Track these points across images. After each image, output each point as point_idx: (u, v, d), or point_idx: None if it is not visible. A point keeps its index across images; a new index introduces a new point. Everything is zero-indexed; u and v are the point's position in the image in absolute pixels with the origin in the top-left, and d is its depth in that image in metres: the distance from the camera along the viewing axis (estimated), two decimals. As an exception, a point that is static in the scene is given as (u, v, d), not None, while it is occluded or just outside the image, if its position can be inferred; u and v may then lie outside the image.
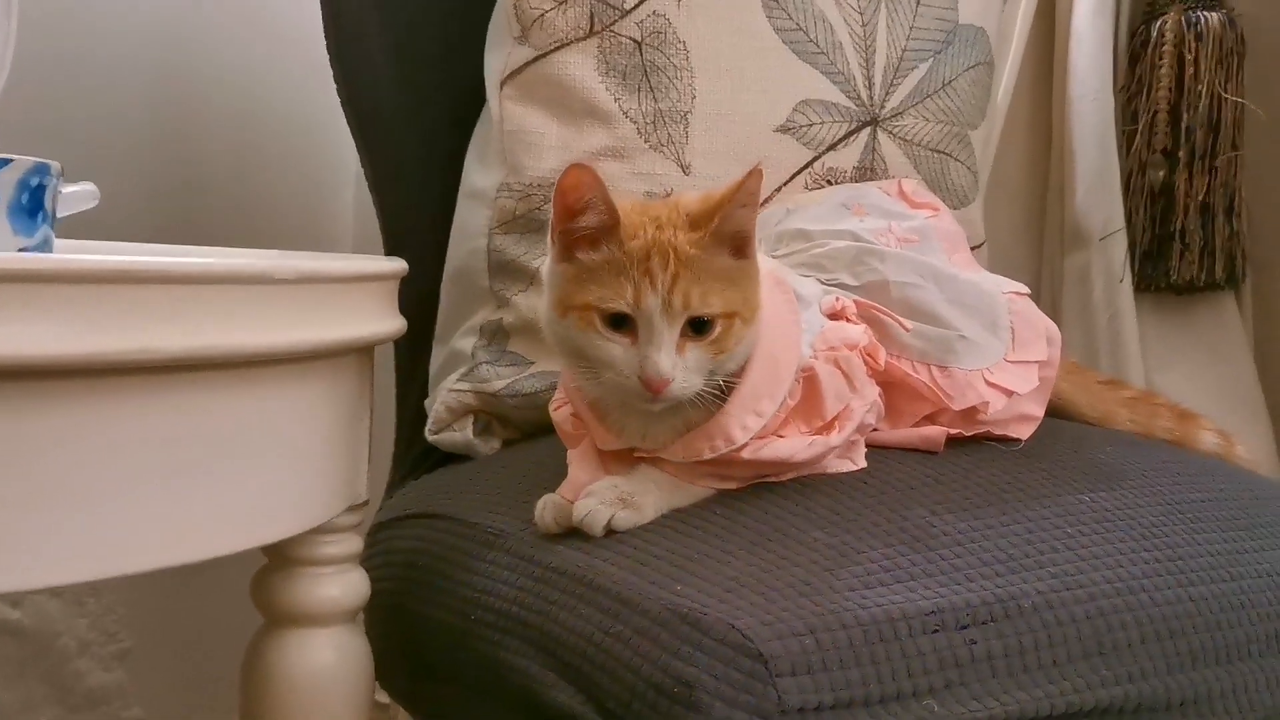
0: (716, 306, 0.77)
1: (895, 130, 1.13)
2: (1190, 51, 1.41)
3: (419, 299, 1.13)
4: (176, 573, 0.73)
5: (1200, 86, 1.41)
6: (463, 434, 1.07)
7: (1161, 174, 1.43)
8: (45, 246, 0.80)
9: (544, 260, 0.83)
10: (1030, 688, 0.75)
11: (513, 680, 0.79)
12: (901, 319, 0.90)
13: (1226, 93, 1.41)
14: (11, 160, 0.76)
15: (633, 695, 0.71)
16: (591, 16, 1.04)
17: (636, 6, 1.04)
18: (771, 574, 0.75)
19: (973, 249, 1.21)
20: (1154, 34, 1.44)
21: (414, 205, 1.14)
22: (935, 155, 1.16)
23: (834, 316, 0.89)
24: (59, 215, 0.86)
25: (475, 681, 0.83)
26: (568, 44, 1.04)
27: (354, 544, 0.88)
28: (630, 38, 1.04)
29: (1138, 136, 1.44)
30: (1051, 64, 1.50)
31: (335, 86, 1.14)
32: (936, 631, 0.74)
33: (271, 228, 1.51)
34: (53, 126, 1.31)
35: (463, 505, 0.94)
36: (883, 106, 1.13)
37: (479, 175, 1.08)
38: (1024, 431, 0.96)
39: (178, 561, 0.71)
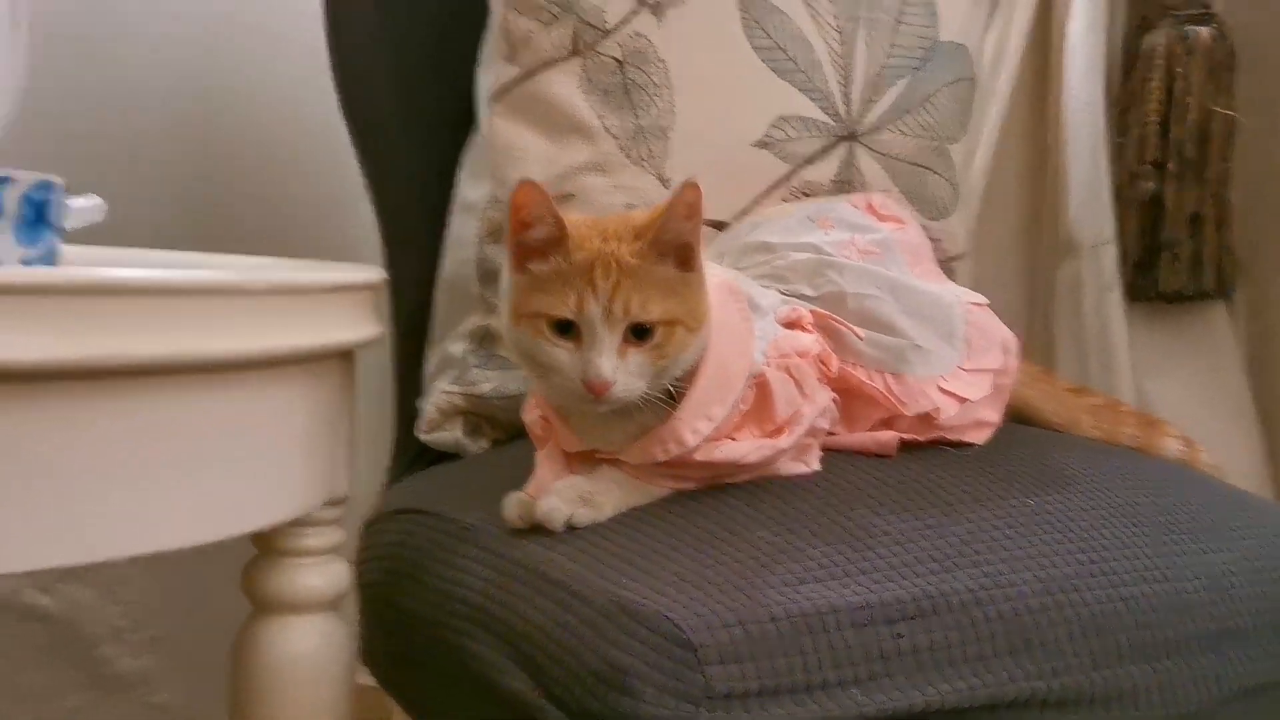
0: (656, 313, 0.83)
1: (873, 145, 1.18)
2: (1180, 65, 1.45)
3: (416, 305, 1.19)
4: (205, 564, 0.78)
5: (1190, 99, 1.44)
6: (452, 434, 1.12)
7: (1152, 185, 1.47)
8: (49, 257, 0.86)
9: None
10: (953, 680, 0.79)
11: (475, 667, 0.84)
12: (855, 328, 0.95)
13: (1217, 106, 1.44)
14: (14, 179, 0.82)
15: (576, 681, 0.76)
16: (575, 37, 1.09)
17: (618, 27, 1.10)
18: (712, 570, 0.80)
19: (952, 259, 1.25)
20: (1145, 48, 1.47)
21: (411, 215, 1.19)
22: (913, 169, 1.20)
23: (790, 325, 0.94)
24: (68, 228, 0.92)
25: (445, 669, 0.89)
26: (553, 63, 1.09)
27: (335, 537, 0.94)
28: (612, 57, 1.10)
29: (1128, 149, 1.47)
30: (1046, 77, 1.53)
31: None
32: (865, 625, 0.78)
33: (303, 234, 1.57)
34: (86, 137, 1.38)
35: (444, 501, 1.00)
36: (860, 121, 1.17)
37: (470, 188, 1.13)
38: (980, 437, 1.01)
39: (168, 546, 0.78)
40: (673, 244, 0.84)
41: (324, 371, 0.88)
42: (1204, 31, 1.45)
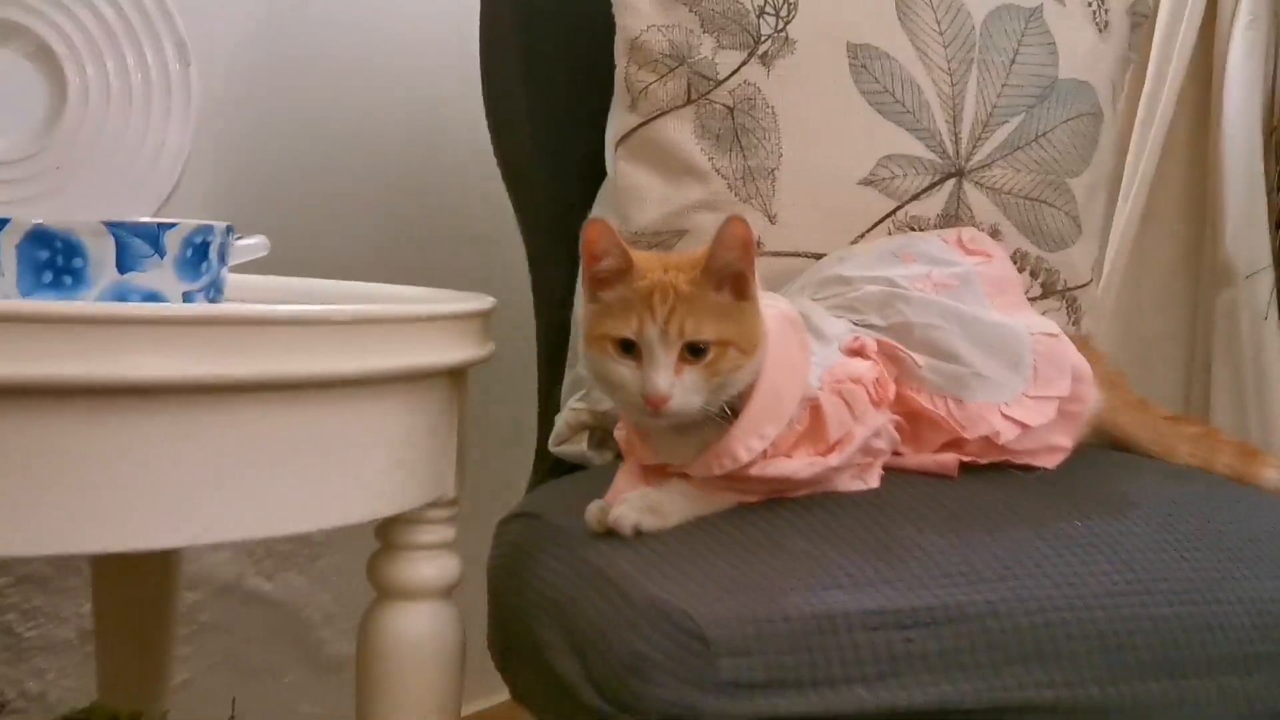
0: (709, 334, 0.92)
1: (982, 180, 1.24)
2: (1338, 93, 1.44)
3: (557, 327, 1.31)
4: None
5: (1347, 128, 1.43)
6: (578, 447, 1.24)
7: (1309, 213, 1.46)
8: (212, 289, 1.03)
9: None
10: (959, 683, 0.85)
11: (544, 653, 0.95)
12: (916, 355, 1.02)
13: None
14: (177, 224, 0.99)
15: (609, 667, 0.86)
16: (689, 87, 1.19)
17: (729, 77, 1.19)
18: (742, 574, 0.89)
19: (1073, 289, 1.30)
20: (1305, 76, 1.47)
21: (551, 247, 1.32)
22: (1027, 203, 1.25)
23: (855, 353, 1.02)
24: (232, 263, 1.09)
25: (527, 654, 1.00)
26: (668, 111, 1.20)
27: (446, 534, 1.07)
28: (723, 104, 1.19)
29: (1283, 177, 1.48)
30: (1208, 105, 1.54)
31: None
32: (876, 629, 0.86)
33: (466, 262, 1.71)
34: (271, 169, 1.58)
35: (553, 507, 1.12)
36: (969, 159, 1.23)
37: (598, 224, 1.25)
38: (1051, 461, 1.06)
39: (305, 529, 0.95)
40: (725, 274, 0.93)
41: (431, 388, 1.01)
42: (1365, 58, 1.44)
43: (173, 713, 1.28)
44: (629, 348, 0.94)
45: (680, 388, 0.93)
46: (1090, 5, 1.33)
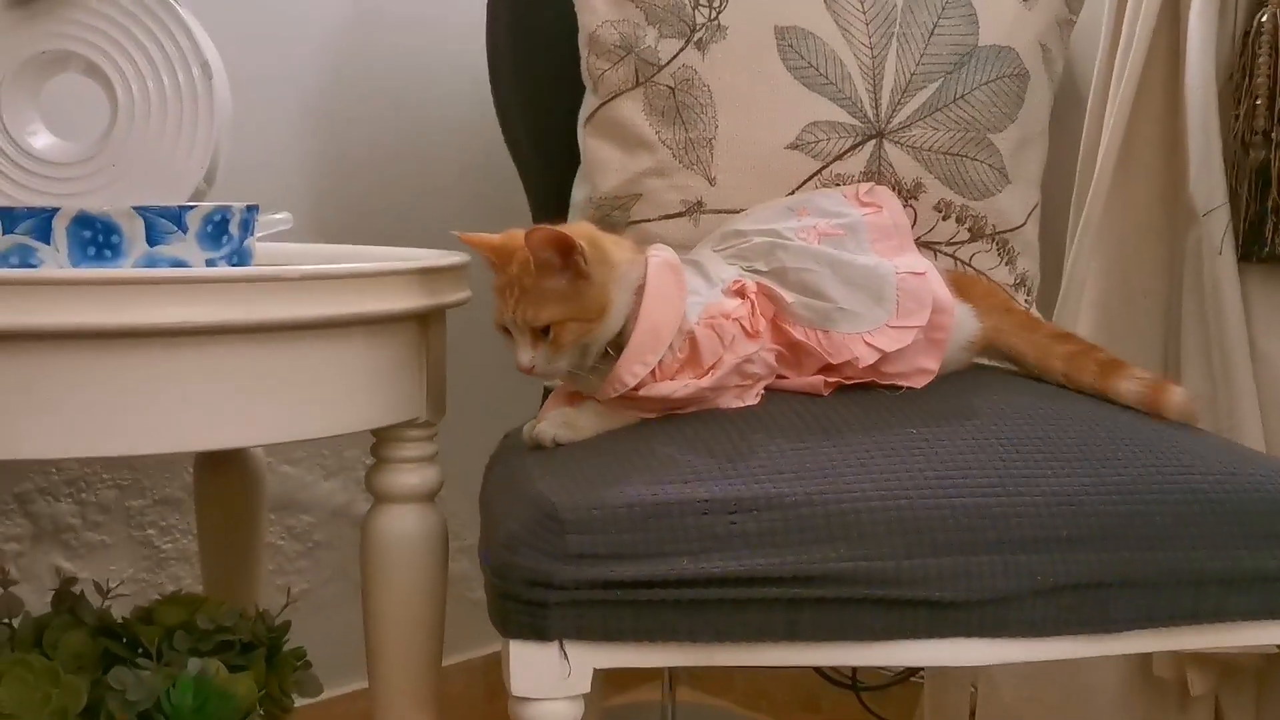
0: (545, 318, 1.15)
1: (902, 140, 1.41)
2: (1285, 39, 1.54)
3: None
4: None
5: (1293, 71, 1.53)
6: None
7: (1262, 154, 1.57)
8: (234, 258, 1.29)
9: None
10: (770, 557, 1.05)
11: (484, 524, 1.20)
12: (788, 294, 1.22)
13: (1322, 75, 1.53)
14: (196, 205, 1.26)
15: (494, 543, 1.10)
16: (636, 72, 1.40)
17: (669, 62, 1.40)
18: (609, 472, 1.11)
19: (1005, 232, 1.46)
20: (1256, 24, 1.57)
21: (547, 212, 1.55)
22: (948, 158, 1.42)
23: (736, 294, 1.22)
24: (259, 235, 1.36)
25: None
26: (621, 93, 1.41)
27: (425, 449, 1.32)
28: (666, 85, 1.40)
29: (1241, 120, 1.58)
30: (1178, 55, 1.65)
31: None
32: (704, 514, 1.06)
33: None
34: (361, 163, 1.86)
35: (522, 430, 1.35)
36: (888, 122, 1.41)
37: (577, 191, 1.48)
38: (919, 382, 1.24)
39: (293, 438, 1.21)
40: (555, 265, 1.15)
41: (398, 330, 1.26)
42: (1309, 5, 1.53)
43: (294, 617, 1.55)
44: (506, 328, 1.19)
45: (540, 358, 1.17)
46: (1016, -24, 1.48)
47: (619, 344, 1.17)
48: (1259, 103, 1.57)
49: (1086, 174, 1.71)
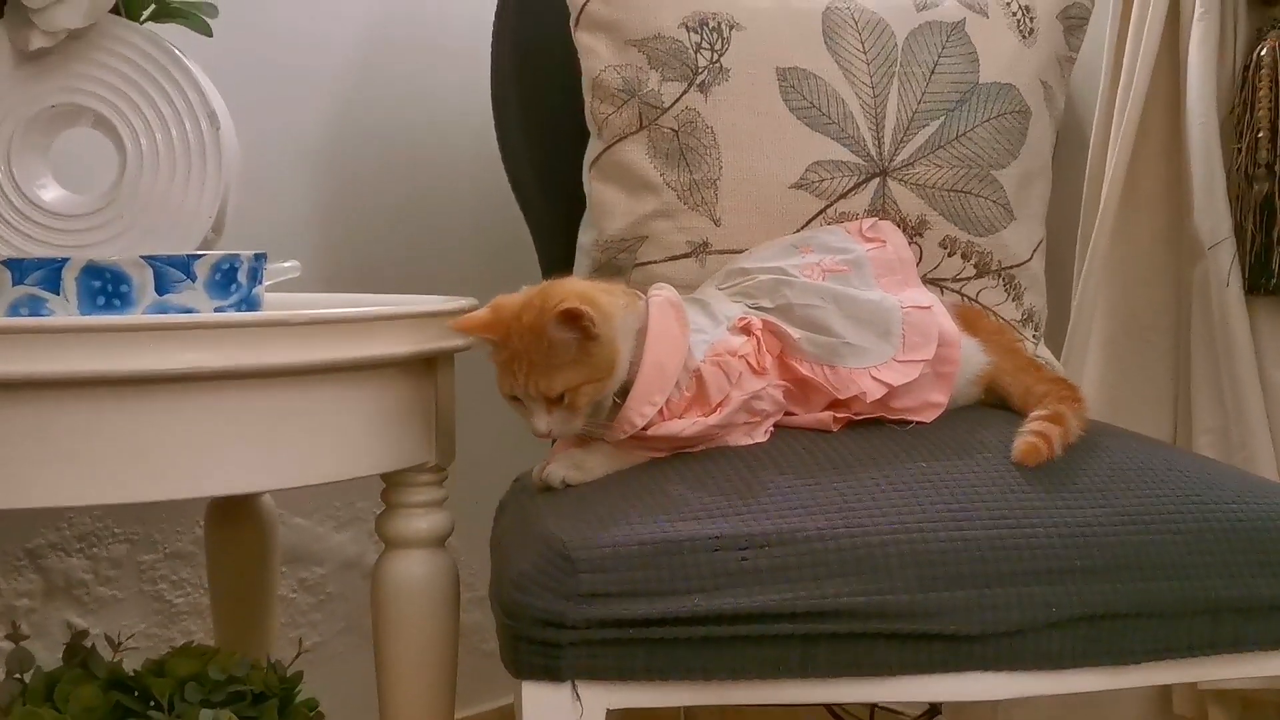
0: (559, 387, 1.15)
1: (905, 178, 1.42)
2: (1284, 72, 1.55)
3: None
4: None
5: (1293, 104, 1.54)
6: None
7: (1266, 187, 1.57)
8: (242, 306, 1.30)
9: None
10: (783, 592, 1.05)
11: (495, 566, 1.19)
12: (794, 330, 1.22)
13: (1321, 107, 1.53)
14: (205, 254, 1.26)
15: (505, 584, 1.09)
16: (640, 115, 1.41)
17: (673, 104, 1.41)
18: (619, 511, 1.11)
19: (1011, 268, 1.46)
20: (1255, 58, 1.58)
21: (555, 257, 1.56)
22: (952, 194, 1.43)
23: (742, 330, 1.22)
24: (267, 284, 1.36)
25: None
26: (625, 136, 1.42)
27: (434, 494, 1.32)
28: (669, 128, 1.41)
29: (1242, 153, 1.59)
30: (1178, 91, 1.66)
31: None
32: (716, 551, 1.06)
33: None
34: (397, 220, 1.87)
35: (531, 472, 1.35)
36: (892, 160, 1.42)
37: (583, 235, 1.49)
38: (929, 416, 1.24)
39: (299, 484, 1.21)
40: (561, 340, 1.15)
41: (403, 374, 1.26)
42: (1307, 38, 1.54)
43: (307, 669, 1.55)
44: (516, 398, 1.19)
45: (556, 421, 1.17)
46: (1015, 15, 1.49)
47: (625, 388, 1.17)
48: (1261, 135, 1.58)
49: (1091, 210, 1.72)
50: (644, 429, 1.17)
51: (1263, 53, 1.58)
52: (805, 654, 1.06)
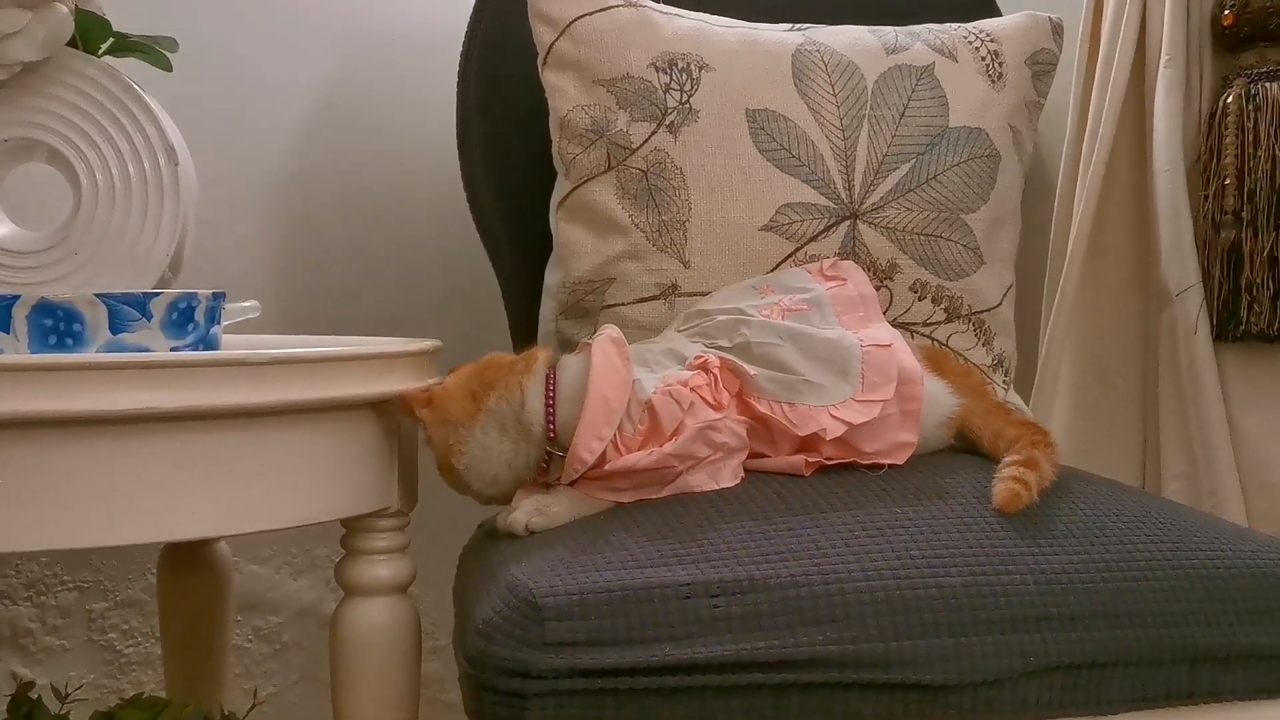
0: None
1: (876, 221, 1.40)
2: (1249, 120, 1.55)
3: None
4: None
5: (1260, 151, 1.54)
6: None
7: (1233, 234, 1.57)
8: (199, 346, 1.26)
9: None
10: (756, 640, 1.02)
11: (459, 614, 1.16)
12: (750, 368, 1.20)
13: (1285, 154, 1.54)
14: (161, 293, 1.23)
15: (468, 632, 1.06)
16: (608, 155, 1.40)
17: (641, 145, 1.39)
18: (587, 558, 1.07)
19: (981, 312, 1.45)
20: (1221, 106, 1.59)
21: (520, 298, 1.54)
22: (923, 238, 1.42)
23: (698, 368, 1.20)
24: (225, 324, 1.33)
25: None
26: (593, 177, 1.41)
27: (397, 539, 1.28)
28: (638, 169, 1.39)
29: (1209, 200, 1.59)
30: (1144, 138, 1.67)
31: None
32: (686, 599, 1.03)
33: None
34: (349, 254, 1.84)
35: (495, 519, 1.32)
36: (862, 203, 1.40)
37: (550, 276, 1.46)
38: (900, 457, 1.22)
39: (257, 529, 1.16)
40: None
41: (363, 416, 1.23)
42: (1273, 87, 1.55)
43: None
44: None
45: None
46: (984, 59, 1.49)
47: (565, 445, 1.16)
48: (1228, 182, 1.58)
49: (1058, 257, 1.72)
50: (598, 464, 1.15)
51: (1228, 100, 1.58)
52: (778, 704, 1.03)
